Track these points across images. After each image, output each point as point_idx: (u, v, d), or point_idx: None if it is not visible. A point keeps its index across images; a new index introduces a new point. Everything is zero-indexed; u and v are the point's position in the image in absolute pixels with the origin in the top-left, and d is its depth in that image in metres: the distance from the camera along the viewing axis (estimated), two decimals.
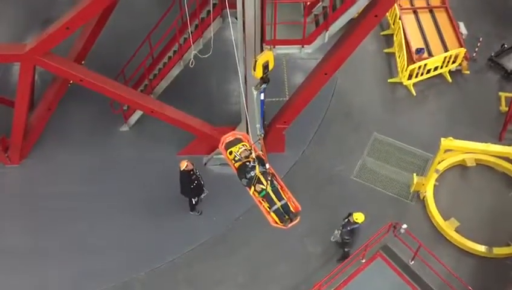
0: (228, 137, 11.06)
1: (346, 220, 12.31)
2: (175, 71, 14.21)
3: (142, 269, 13.28)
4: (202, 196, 13.76)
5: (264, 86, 9.59)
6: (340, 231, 12.57)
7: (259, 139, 10.57)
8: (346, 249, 12.85)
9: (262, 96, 9.88)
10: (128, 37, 16.04)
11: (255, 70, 9.01)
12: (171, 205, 14.06)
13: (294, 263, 13.30)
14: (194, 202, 13.73)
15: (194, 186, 13.19)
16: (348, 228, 12.25)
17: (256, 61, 8.94)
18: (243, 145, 10.88)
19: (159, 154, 15.12)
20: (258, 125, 10.84)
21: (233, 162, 10.80)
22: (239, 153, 10.73)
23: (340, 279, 12.61)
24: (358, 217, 12.07)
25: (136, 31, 15.40)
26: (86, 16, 12.00)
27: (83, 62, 14.71)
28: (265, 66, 9.03)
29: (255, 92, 9.75)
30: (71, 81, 14.50)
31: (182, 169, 12.83)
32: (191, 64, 12.80)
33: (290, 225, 10.13)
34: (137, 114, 15.30)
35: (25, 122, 14.26)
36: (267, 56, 8.97)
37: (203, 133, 14.47)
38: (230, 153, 10.86)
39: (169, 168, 13.96)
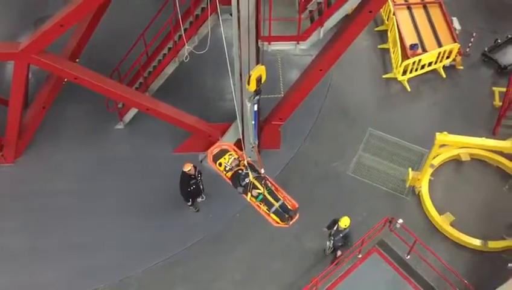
0: (214, 149, 11.29)
1: (335, 228, 12.29)
2: (170, 68, 14.20)
3: (139, 267, 13.27)
4: (198, 200, 13.84)
5: (257, 97, 9.79)
6: (332, 241, 12.59)
7: (252, 148, 10.69)
8: (339, 252, 12.84)
9: (255, 107, 10.12)
10: (122, 35, 15.99)
11: (249, 84, 9.25)
12: (167, 203, 14.04)
13: (291, 259, 13.34)
14: (189, 204, 13.67)
15: (190, 190, 13.21)
16: (340, 235, 12.28)
17: (250, 76, 9.17)
18: (230, 155, 11.05)
19: (154, 152, 15.08)
20: (251, 135, 10.88)
21: (224, 172, 11.02)
22: (229, 163, 10.98)
23: (336, 274, 12.69)
24: (345, 221, 11.97)
25: (130, 28, 15.35)
26: (80, 13, 11.96)
27: (77, 60, 14.66)
28: (259, 80, 9.31)
29: (248, 104, 9.91)
30: (65, 79, 14.45)
31: (183, 170, 12.81)
32: (186, 59, 12.80)
33: (291, 223, 10.42)
34: (133, 112, 15.26)
35: (19, 121, 14.19)
36: (260, 70, 9.25)
37: (199, 130, 14.46)
38: (220, 164, 11.07)
39: (165, 165, 13.96)
